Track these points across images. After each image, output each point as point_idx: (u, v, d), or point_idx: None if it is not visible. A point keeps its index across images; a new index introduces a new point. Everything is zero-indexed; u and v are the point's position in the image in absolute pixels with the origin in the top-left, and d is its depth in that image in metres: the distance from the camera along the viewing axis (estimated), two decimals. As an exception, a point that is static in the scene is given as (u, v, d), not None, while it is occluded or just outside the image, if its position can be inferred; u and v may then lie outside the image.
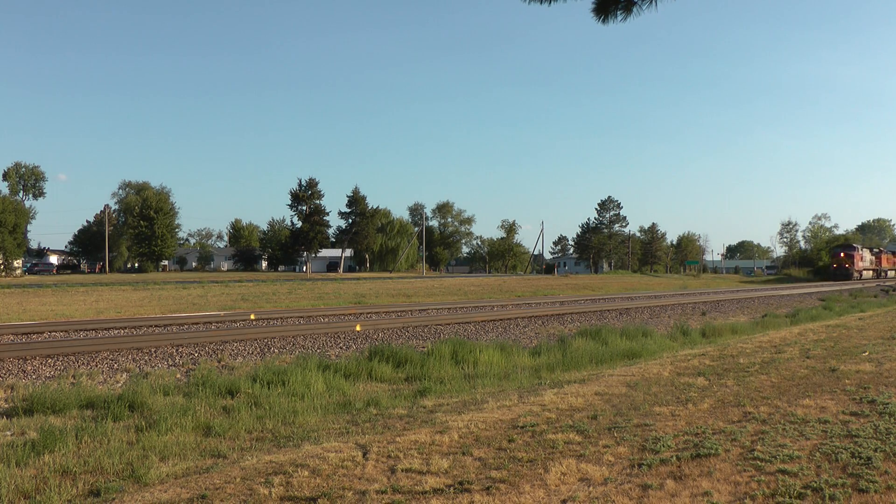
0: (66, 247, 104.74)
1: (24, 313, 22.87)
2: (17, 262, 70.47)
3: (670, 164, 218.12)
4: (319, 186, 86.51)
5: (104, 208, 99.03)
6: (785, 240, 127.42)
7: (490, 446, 6.01)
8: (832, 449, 5.66)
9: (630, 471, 5.23)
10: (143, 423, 7.63)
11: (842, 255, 76.00)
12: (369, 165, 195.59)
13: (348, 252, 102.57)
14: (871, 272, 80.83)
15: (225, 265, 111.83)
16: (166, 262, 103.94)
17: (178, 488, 5.10)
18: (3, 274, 63.86)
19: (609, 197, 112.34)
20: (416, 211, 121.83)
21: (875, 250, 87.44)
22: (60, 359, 12.12)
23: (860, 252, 77.91)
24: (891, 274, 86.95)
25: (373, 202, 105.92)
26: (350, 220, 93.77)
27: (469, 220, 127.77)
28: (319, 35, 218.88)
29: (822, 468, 5.19)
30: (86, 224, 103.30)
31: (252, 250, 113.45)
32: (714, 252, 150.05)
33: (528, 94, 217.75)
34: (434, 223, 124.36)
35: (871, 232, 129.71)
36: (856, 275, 74.86)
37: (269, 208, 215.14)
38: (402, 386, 10.77)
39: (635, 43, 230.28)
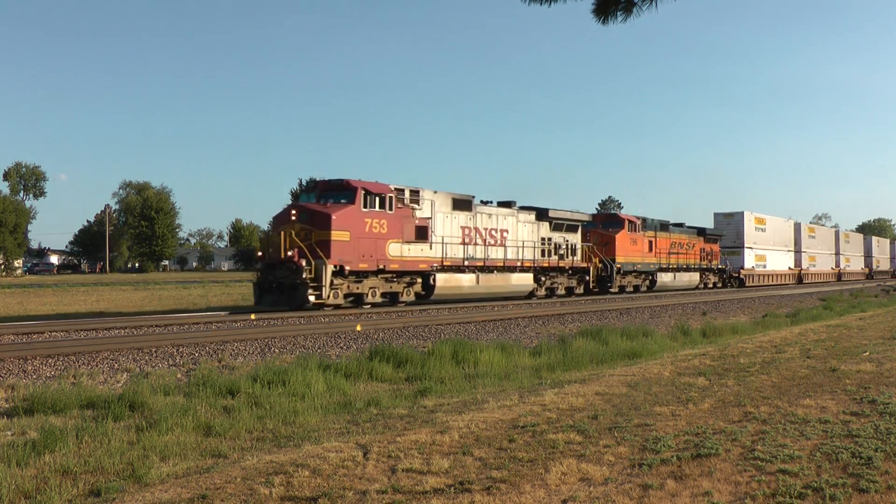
0: (66, 247, 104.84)
1: (25, 313, 22.87)
2: (18, 262, 70.54)
3: (670, 164, 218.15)
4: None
5: (105, 208, 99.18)
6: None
7: (491, 446, 6.01)
8: (833, 449, 5.66)
9: (631, 471, 5.23)
10: (144, 423, 7.62)
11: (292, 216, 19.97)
12: (369, 165, 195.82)
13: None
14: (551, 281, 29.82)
15: (225, 265, 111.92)
16: (167, 262, 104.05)
17: (179, 488, 5.10)
18: (4, 274, 63.89)
19: (609, 197, 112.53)
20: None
21: (611, 219, 35.49)
22: (61, 359, 12.12)
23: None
24: (686, 278, 39.11)
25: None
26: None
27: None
28: (320, 35, 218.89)
29: (823, 468, 5.19)
30: (86, 224, 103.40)
31: (253, 250, 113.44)
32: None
33: (528, 94, 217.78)
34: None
35: (871, 232, 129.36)
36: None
37: (270, 208, 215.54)
38: (402, 386, 10.75)
39: (635, 43, 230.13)
